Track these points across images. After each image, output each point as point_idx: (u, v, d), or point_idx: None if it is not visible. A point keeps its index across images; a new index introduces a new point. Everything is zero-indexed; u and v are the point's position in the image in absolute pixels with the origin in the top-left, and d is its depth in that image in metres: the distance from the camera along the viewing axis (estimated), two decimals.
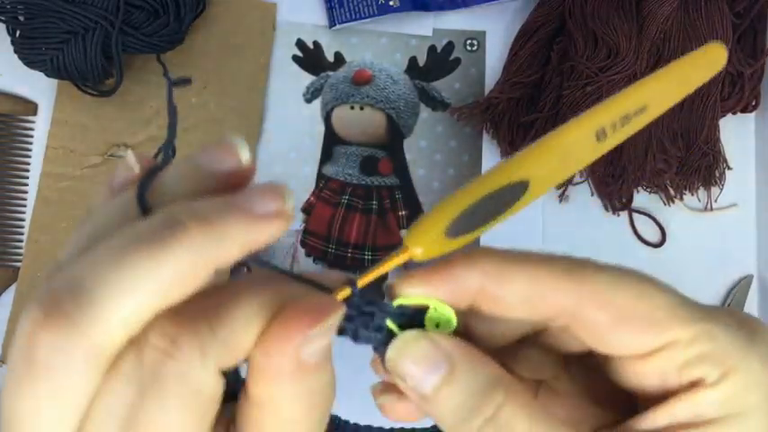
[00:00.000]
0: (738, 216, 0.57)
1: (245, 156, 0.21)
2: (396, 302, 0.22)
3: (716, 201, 0.56)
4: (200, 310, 0.19)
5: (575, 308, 0.22)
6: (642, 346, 0.22)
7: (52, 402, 0.18)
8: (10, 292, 0.51)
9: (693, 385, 0.22)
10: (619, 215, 0.56)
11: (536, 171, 0.22)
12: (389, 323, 0.22)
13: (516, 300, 0.22)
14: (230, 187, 0.20)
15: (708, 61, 0.26)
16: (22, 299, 0.51)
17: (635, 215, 0.56)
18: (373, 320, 0.22)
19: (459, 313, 0.23)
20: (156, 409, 0.18)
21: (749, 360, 0.22)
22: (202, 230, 0.18)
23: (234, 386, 0.21)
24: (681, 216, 0.56)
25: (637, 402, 0.23)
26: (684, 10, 0.54)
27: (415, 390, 0.22)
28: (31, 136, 0.53)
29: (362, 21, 0.55)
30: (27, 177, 0.52)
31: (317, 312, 0.19)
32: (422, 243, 0.21)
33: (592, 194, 0.56)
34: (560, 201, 0.55)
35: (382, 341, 0.22)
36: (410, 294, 0.22)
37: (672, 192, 0.55)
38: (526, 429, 0.20)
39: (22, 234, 0.51)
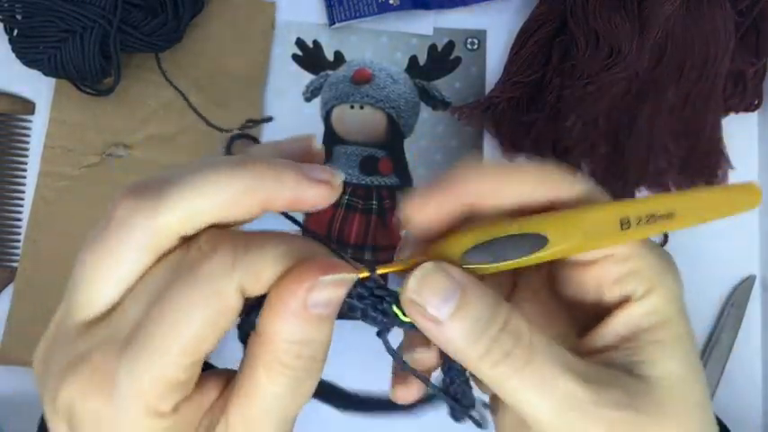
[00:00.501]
0: (741, 216, 0.56)
1: (315, 145, 0.27)
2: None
3: None
4: (242, 237, 0.23)
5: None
6: (587, 253, 0.26)
7: (113, 258, 0.23)
8: (7, 292, 0.51)
9: (625, 300, 0.26)
10: None
11: (557, 237, 0.25)
12: (395, 309, 0.24)
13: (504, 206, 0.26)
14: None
15: (743, 198, 0.28)
16: (20, 298, 0.50)
17: None
18: (382, 304, 0.24)
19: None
20: (181, 295, 0.22)
21: (666, 277, 0.27)
22: (266, 169, 0.23)
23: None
24: None
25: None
26: (686, 9, 0.54)
27: (432, 316, 0.24)
28: (29, 135, 0.52)
29: (362, 19, 0.55)
30: (25, 177, 0.52)
31: (330, 266, 0.23)
32: (438, 259, 0.25)
33: None
34: None
35: (386, 325, 0.25)
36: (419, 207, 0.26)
37: (674, 191, 0.55)
38: (528, 333, 0.24)
39: (19, 234, 0.51)
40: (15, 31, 0.48)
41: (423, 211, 0.26)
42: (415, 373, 0.27)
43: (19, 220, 0.51)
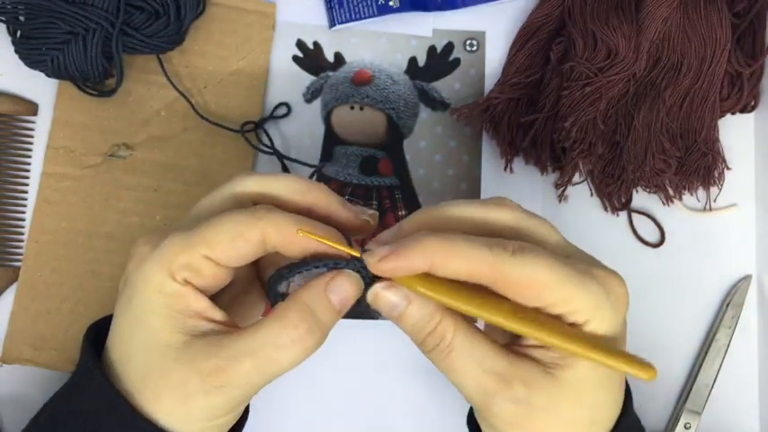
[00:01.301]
0: (737, 216, 0.57)
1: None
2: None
3: (715, 201, 0.57)
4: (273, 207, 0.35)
5: (493, 283, 0.33)
6: (532, 303, 0.33)
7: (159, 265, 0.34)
8: (10, 292, 0.51)
9: (556, 316, 0.33)
10: (618, 215, 0.56)
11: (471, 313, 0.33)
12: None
13: (453, 274, 0.33)
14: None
15: (637, 372, 0.33)
16: (23, 298, 0.51)
17: (634, 215, 0.56)
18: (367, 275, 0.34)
19: None
20: (222, 218, 0.34)
21: (604, 310, 0.33)
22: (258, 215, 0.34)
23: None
24: (680, 216, 0.56)
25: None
26: (683, 11, 0.55)
27: (389, 315, 0.34)
28: (32, 136, 0.53)
29: (362, 21, 0.55)
30: (27, 177, 0.52)
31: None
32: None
33: (591, 195, 0.56)
34: (560, 201, 0.55)
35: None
36: (380, 270, 0.33)
37: (671, 192, 0.55)
38: (450, 336, 0.33)
39: (22, 234, 0.52)
40: (18, 33, 0.49)
41: (384, 271, 0.33)
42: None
43: (22, 220, 0.52)
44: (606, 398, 0.35)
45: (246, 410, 0.39)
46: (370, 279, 0.34)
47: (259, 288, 0.40)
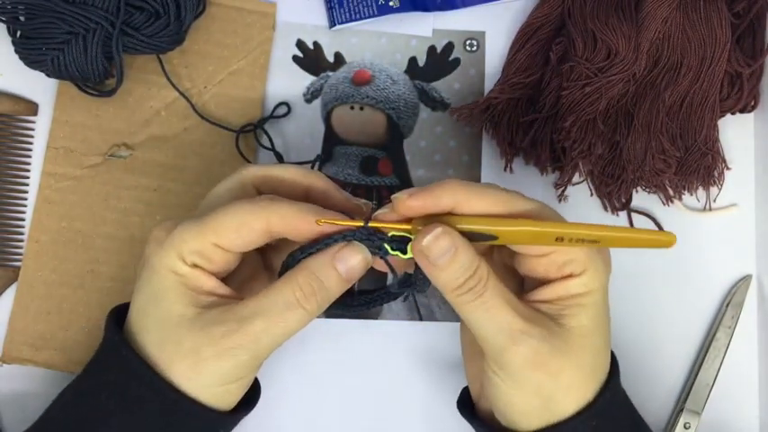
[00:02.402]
0: (737, 216, 0.57)
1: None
2: (390, 233, 0.37)
3: (715, 201, 0.57)
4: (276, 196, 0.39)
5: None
6: (540, 251, 0.38)
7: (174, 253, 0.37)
8: (11, 292, 0.51)
9: (565, 277, 0.38)
10: (618, 215, 0.56)
11: (505, 237, 0.37)
12: (386, 245, 0.37)
13: (474, 211, 0.37)
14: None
15: (657, 240, 0.39)
16: (23, 298, 0.51)
17: (634, 215, 0.56)
18: (375, 242, 0.37)
19: None
20: (231, 208, 0.37)
21: (596, 262, 0.38)
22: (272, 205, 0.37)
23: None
24: (680, 216, 0.56)
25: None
26: (683, 11, 0.55)
27: (435, 264, 0.36)
28: (32, 136, 0.53)
29: (362, 21, 0.55)
30: (27, 177, 0.52)
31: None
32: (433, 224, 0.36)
33: (591, 194, 0.56)
34: (559, 201, 0.55)
35: (382, 255, 0.38)
36: (408, 206, 0.36)
37: (671, 192, 0.55)
38: (486, 278, 0.36)
39: (22, 234, 0.52)
40: (18, 33, 0.49)
41: (412, 207, 0.36)
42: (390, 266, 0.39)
43: (22, 219, 0.52)
44: (602, 344, 0.39)
45: (258, 389, 0.42)
46: (383, 250, 0.37)
47: (267, 274, 0.43)
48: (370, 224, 0.37)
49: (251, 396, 0.41)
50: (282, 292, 0.36)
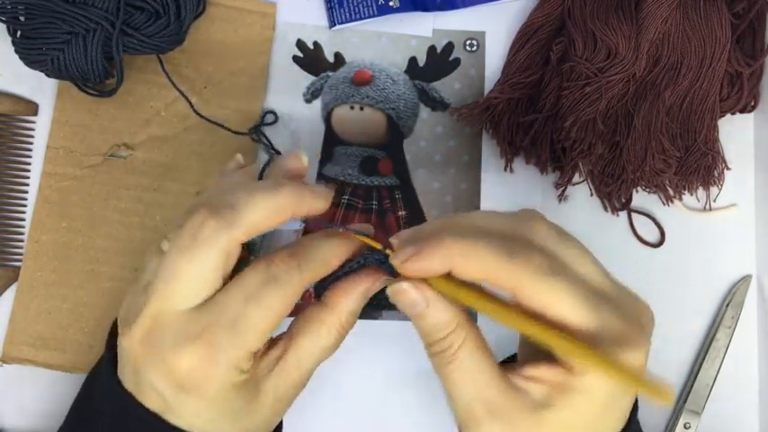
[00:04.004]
0: (737, 216, 0.57)
1: (305, 161, 0.39)
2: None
3: (715, 201, 0.57)
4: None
5: (512, 292, 0.32)
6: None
7: (205, 261, 0.33)
8: (11, 292, 0.51)
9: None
10: (618, 215, 0.56)
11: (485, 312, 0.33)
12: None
13: (472, 278, 0.33)
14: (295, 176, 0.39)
15: (652, 391, 0.31)
16: (23, 298, 0.51)
17: (634, 215, 0.56)
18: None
19: None
20: (267, 299, 0.34)
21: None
22: (293, 191, 0.35)
23: None
24: (680, 216, 0.56)
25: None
26: (683, 11, 0.55)
27: (407, 311, 0.34)
28: (32, 136, 0.53)
29: (362, 21, 0.55)
30: (28, 177, 0.52)
31: (378, 277, 0.37)
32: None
33: (591, 194, 0.56)
34: (559, 201, 0.55)
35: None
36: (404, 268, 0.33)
37: (671, 192, 0.55)
38: (456, 348, 0.33)
39: (22, 234, 0.52)
40: (18, 33, 0.49)
41: (407, 270, 0.33)
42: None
43: (22, 219, 0.52)
44: (604, 426, 0.34)
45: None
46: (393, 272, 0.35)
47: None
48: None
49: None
50: (317, 339, 0.37)
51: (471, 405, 0.33)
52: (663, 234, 0.56)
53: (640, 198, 0.56)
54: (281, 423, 0.41)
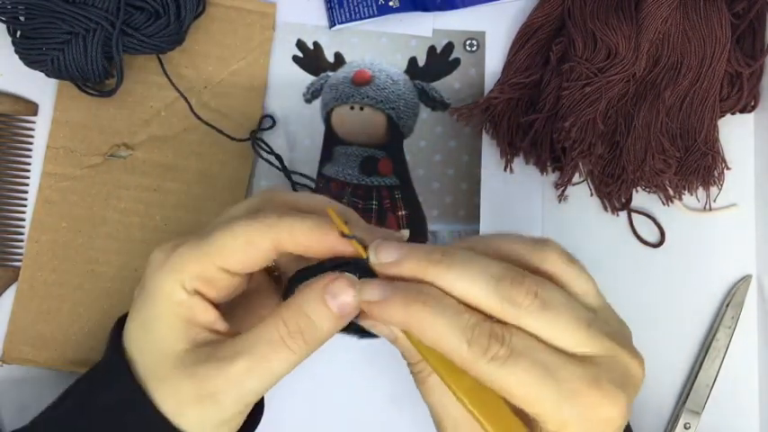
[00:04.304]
0: (737, 216, 0.57)
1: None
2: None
3: (715, 201, 0.57)
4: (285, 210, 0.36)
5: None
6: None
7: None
8: (10, 292, 0.51)
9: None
10: (618, 215, 0.56)
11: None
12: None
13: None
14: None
15: None
16: (23, 298, 0.51)
17: (634, 215, 0.56)
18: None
19: None
20: (234, 226, 0.34)
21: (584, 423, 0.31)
22: (268, 221, 0.34)
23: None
24: (680, 216, 0.56)
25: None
26: (683, 11, 0.55)
27: (383, 336, 0.35)
28: (32, 136, 0.53)
29: (362, 21, 0.55)
30: (27, 177, 0.52)
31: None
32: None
33: (591, 194, 0.56)
34: (559, 201, 0.55)
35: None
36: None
37: (671, 192, 0.55)
38: (429, 371, 0.35)
39: (22, 234, 0.52)
40: (18, 33, 0.49)
41: (372, 311, 0.32)
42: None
43: (22, 220, 0.52)
44: None
45: (262, 410, 0.40)
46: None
47: (277, 297, 0.40)
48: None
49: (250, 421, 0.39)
50: (267, 329, 0.33)
51: (442, 422, 0.35)
52: (663, 234, 0.56)
53: (640, 198, 0.56)
54: (262, 406, 0.40)
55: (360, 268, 0.33)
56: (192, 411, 0.34)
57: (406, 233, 0.35)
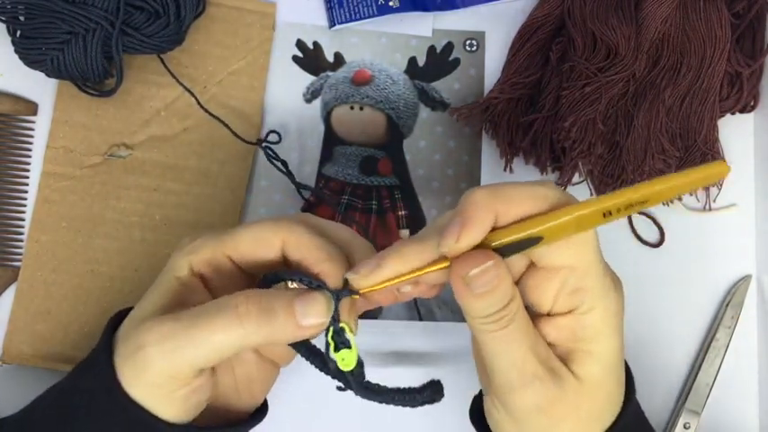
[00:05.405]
0: (737, 216, 0.57)
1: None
2: (340, 324, 0.35)
3: (715, 201, 0.57)
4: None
5: None
6: (556, 258, 0.34)
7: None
8: (10, 292, 0.51)
9: (569, 311, 0.35)
10: None
11: (551, 233, 0.32)
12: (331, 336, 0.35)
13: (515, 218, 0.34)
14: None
15: (710, 174, 0.32)
16: (23, 298, 0.51)
17: (634, 215, 0.56)
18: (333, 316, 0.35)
19: None
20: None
21: (608, 297, 0.35)
22: (272, 223, 0.38)
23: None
24: (680, 216, 0.56)
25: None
26: (683, 11, 0.55)
27: (475, 292, 0.34)
28: (32, 136, 0.53)
29: (362, 21, 0.55)
30: (27, 177, 0.52)
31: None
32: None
33: (591, 194, 0.56)
34: None
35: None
36: (458, 249, 0.33)
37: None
38: (522, 310, 0.35)
39: (22, 234, 0.52)
40: (18, 33, 0.48)
41: (461, 248, 0.33)
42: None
43: (22, 219, 0.52)
44: (614, 388, 0.37)
45: (265, 407, 0.41)
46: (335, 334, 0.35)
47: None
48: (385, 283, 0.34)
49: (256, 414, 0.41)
50: (230, 299, 0.34)
51: (528, 363, 0.34)
52: (663, 234, 0.56)
53: None
54: (265, 406, 0.42)
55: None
56: (151, 368, 0.34)
57: (406, 233, 0.36)
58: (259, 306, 0.34)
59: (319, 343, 0.37)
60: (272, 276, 0.37)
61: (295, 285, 0.37)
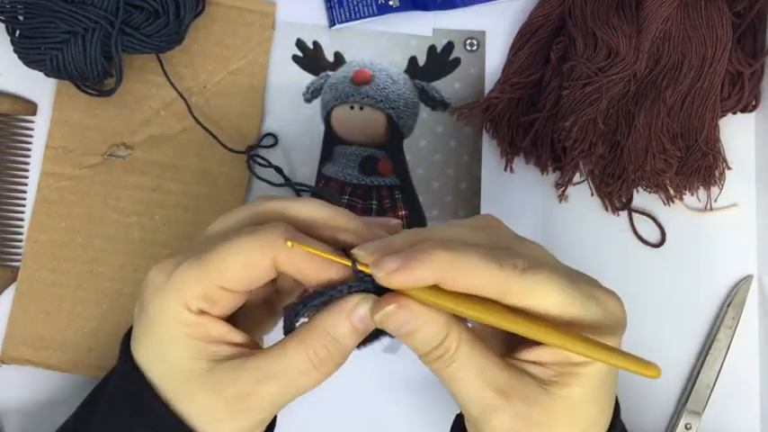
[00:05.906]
0: (738, 216, 0.57)
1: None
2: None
3: (716, 201, 0.56)
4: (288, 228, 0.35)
5: (500, 298, 0.32)
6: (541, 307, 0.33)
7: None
8: (10, 292, 0.51)
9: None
10: (618, 215, 0.56)
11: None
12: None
13: (462, 289, 0.32)
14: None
15: (638, 370, 0.32)
16: (22, 298, 0.51)
17: (635, 215, 0.56)
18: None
19: None
20: (235, 242, 0.34)
21: (602, 334, 0.33)
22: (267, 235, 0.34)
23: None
24: (681, 216, 0.56)
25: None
26: (684, 10, 0.55)
27: (397, 333, 0.33)
28: (31, 136, 0.53)
29: (362, 20, 0.55)
30: (26, 177, 0.52)
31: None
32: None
33: (591, 194, 0.56)
34: (560, 201, 0.55)
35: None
36: (388, 281, 0.32)
37: (672, 192, 0.55)
38: (454, 350, 0.33)
39: (21, 234, 0.51)
40: (17, 32, 0.48)
41: (392, 282, 0.32)
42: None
43: (21, 219, 0.52)
44: (598, 414, 0.36)
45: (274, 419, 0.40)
46: (377, 291, 0.34)
47: (273, 300, 0.40)
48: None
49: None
50: (297, 358, 0.34)
51: (483, 395, 0.33)
52: (663, 234, 0.56)
53: (641, 198, 0.56)
54: (273, 421, 0.40)
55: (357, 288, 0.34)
56: (227, 426, 0.34)
57: (397, 222, 0.36)
58: (329, 351, 0.34)
59: None
60: (291, 311, 0.35)
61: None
